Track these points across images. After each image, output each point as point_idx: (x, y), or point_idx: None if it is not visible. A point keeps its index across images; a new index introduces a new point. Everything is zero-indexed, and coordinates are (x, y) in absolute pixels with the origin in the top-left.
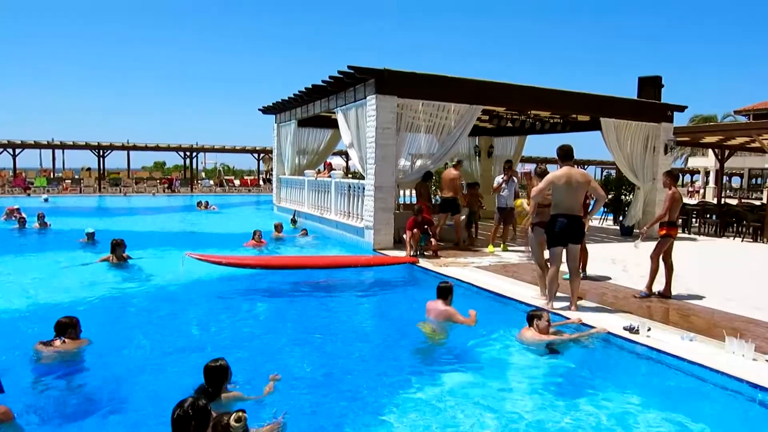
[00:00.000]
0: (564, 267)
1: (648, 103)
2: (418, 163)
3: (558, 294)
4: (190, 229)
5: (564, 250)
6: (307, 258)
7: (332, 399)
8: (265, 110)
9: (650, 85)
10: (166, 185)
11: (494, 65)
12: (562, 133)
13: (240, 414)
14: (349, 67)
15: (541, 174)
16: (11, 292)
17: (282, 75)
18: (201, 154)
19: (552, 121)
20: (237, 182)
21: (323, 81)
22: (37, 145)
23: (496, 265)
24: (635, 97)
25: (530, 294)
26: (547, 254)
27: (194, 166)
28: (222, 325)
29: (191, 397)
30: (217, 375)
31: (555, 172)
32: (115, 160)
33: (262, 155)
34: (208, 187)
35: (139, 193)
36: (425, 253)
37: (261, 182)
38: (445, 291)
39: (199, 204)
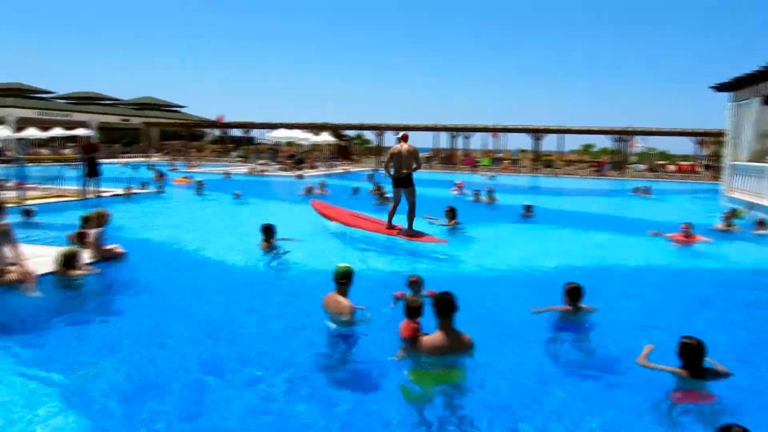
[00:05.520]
0: None
1: None
2: None
3: None
4: (620, 213)
5: None
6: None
7: None
8: (720, 87)
9: None
10: (595, 168)
11: None
12: None
13: None
14: None
15: None
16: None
17: (728, 51)
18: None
19: None
20: (672, 167)
21: None
22: (484, 129)
23: None
24: None
25: None
26: None
27: (626, 149)
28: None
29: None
30: None
31: None
32: (547, 143)
33: (702, 138)
34: (638, 171)
35: (567, 174)
36: None
37: (699, 168)
38: None
39: (636, 189)
